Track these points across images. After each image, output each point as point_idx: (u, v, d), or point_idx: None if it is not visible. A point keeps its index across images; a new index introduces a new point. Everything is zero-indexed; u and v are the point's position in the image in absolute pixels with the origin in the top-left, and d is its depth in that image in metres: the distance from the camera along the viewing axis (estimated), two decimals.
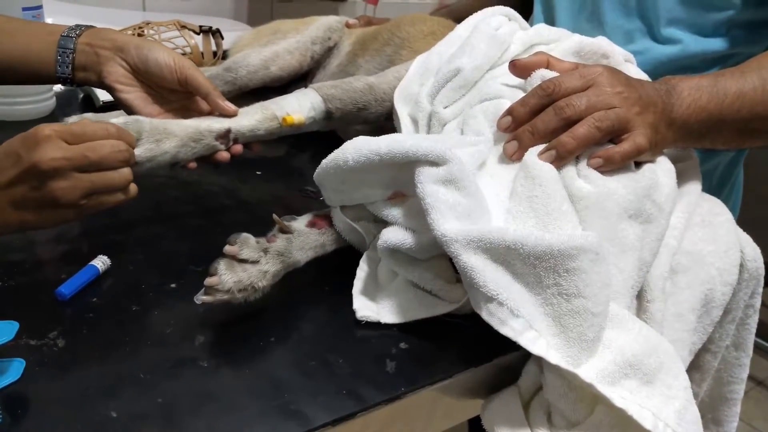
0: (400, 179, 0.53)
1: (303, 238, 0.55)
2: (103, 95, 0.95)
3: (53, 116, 0.92)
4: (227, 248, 0.49)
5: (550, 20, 0.90)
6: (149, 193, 0.70)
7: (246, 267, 0.50)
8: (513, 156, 0.57)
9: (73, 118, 0.60)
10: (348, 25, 1.03)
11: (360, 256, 0.57)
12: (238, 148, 0.65)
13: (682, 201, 0.60)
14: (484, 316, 0.47)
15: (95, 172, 0.51)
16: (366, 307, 0.53)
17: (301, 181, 0.78)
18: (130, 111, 0.65)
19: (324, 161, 0.54)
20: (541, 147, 0.55)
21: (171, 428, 0.40)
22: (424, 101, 0.67)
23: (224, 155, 0.64)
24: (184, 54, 1.13)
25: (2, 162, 0.49)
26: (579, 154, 0.55)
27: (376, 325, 0.52)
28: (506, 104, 0.60)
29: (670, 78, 0.61)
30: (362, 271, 0.56)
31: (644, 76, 0.68)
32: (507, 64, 0.63)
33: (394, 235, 0.51)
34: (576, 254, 0.46)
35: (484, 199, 0.51)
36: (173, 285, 0.54)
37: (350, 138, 0.54)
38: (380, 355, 0.49)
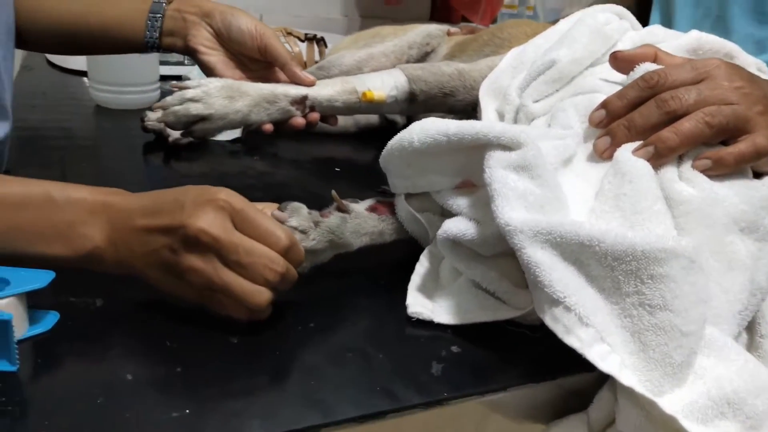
0: (469, 166, 0.48)
1: (360, 221, 0.51)
2: None
3: None
4: (275, 212, 0.47)
5: (668, 27, 0.81)
6: (215, 183, 0.70)
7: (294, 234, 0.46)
8: (604, 153, 0.50)
9: (192, 82, 0.61)
10: (449, 33, 1.00)
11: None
12: (315, 116, 0.64)
13: None
14: (548, 321, 0.40)
15: (234, 272, 0.42)
16: (420, 304, 0.48)
17: (381, 181, 0.75)
18: (211, 73, 0.67)
19: (390, 142, 0.50)
20: (638, 144, 0.48)
21: (181, 398, 0.37)
22: (513, 94, 0.61)
23: (299, 121, 0.63)
24: None
25: (164, 205, 0.43)
26: (683, 153, 0.47)
27: (429, 325, 0.47)
28: (601, 99, 0.54)
29: None
30: (422, 266, 0.51)
31: None
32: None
33: (456, 225, 0.46)
34: (665, 258, 0.38)
35: (563, 192, 0.45)
36: None
37: None
38: (427, 356, 0.43)
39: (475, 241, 0.45)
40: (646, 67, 0.53)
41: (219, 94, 0.60)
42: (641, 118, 0.49)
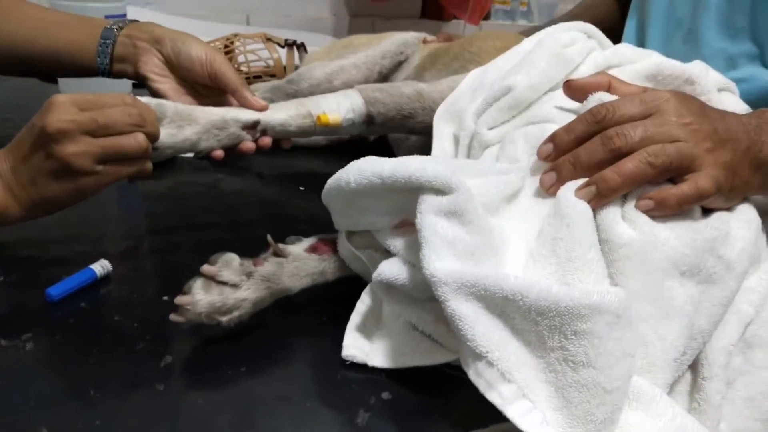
0: (407, 206, 0.47)
1: (298, 264, 0.50)
2: None
3: None
4: (205, 267, 0.46)
5: (641, 38, 0.79)
6: (179, 201, 0.69)
7: (224, 290, 0.46)
8: (550, 189, 0.49)
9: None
10: (425, 41, 0.98)
11: None
12: (266, 140, 0.63)
13: None
14: (471, 376, 0.39)
15: (106, 137, 0.50)
16: (356, 346, 0.47)
17: None
18: None
19: (329, 181, 0.49)
20: (583, 182, 0.47)
21: None
22: (469, 119, 0.60)
23: (248, 146, 0.62)
24: (267, 66, 1.14)
25: (23, 135, 0.50)
26: (626, 193, 0.46)
27: (365, 368, 0.46)
28: (552, 129, 0.52)
29: (766, 111, 0.50)
30: (363, 304, 0.50)
31: (744, 108, 0.57)
32: None
33: (390, 269, 0.45)
34: (588, 315, 0.37)
35: (495, 237, 0.44)
36: (165, 298, 0.51)
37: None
38: (356, 404, 0.43)
39: (408, 286, 0.44)
40: (598, 98, 0.52)
41: (168, 123, 0.59)
42: (586, 154, 0.48)
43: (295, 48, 1.15)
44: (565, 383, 0.38)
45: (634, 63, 0.61)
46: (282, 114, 0.63)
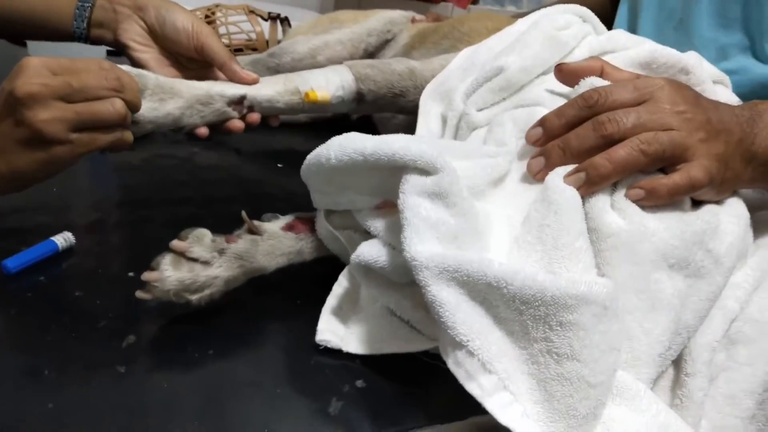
0: (389, 186, 0.45)
1: (273, 242, 0.48)
2: None
3: None
4: (175, 243, 0.44)
5: (632, 26, 0.78)
6: (153, 174, 0.66)
7: (194, 267, 0.43)
8: (537, 175, 0.47)
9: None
10: (414, 20, 0.96)
11: None
12: (254, 117, 0.60)
13: (755, 256, 0.47)
14: (450, 365, 0.38)
15: (81, 102, 0.46)
16: (330, 330, 0.45)
17: None
18: None
19: (308, 157, 0.46)
20: (572, 168, 0.45)
21: None
22: (458, 99, 0.58)
23: (237, 124, 0.59)
24: (249, 40, 1.10)
25: None
26: (616, 181, 0.44)
27: (339, 354, 0.44)
28: (542, 113, 0.50)
29: (758, 103, 0.49)
30: (340, 286, 0.48)
31: (737, 102, 0.56)
32: None
33: (369, 251, 0.43)
34: (574, 305, 0.36)
35: (480, 221, 0.42)
36: (131, 274, 0.49)
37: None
38: (328, 392, 0.41)
39: (387, 269, 0.42)
40: (590, 82, 0.50)
41: (149, 96, 0.55)
42: (577, 140, 0.46)
43: (278, 22, 1.11)
44: (548, 376, 0.36)
45: (628, 49, 0.59)
46: (269, 89, 0.60)
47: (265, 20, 1.10)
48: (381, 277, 0.44)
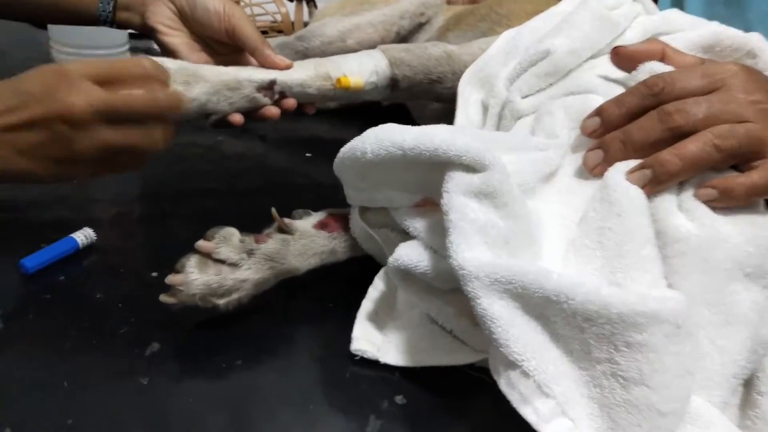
0: (431, 182, 0.41)
1: (306, 242, 0.44)
2: None
3: None
4: (201, 243, 0.41)
5: (678, 2, 0.72)
6: (174, 163, 0.64)
7: (221, 269, 0.40)
8: (594, 170, 0.43)
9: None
10: (449, 2, 0.91)
11: None
12: (290, 102, 0.56)
13: None
14: (502, 386, 0.34)
15: (122, 129, 0.43)
16: (367, 338, 0.42)
17: None
18: (172, 56, 0.59)
19: (342, 150, 0.43)
20: (634, 164, 0.41)
21: None
22: (500, 85, 0.53)
23: (273, 110, 0.55)
24: (274, 21, 1.07)
25: (9, 101, 0.41)
26: (685, 180, 0.40)
27: (377, 365, 0.41)
28: (597, 102, 0.46)
29: None
30: (375, 290, 0.45)
31: None
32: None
33: (408, 253, 0.39)
34: (644, 324, 0.32)
35: (533, 224, 0.38)
36: (154, 274, 0.46)
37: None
38: (366, 408, 0.37)
39: (429, 275, 0.39)
40: (650, 68, 0.45)
41: (176, 79, 0.52)
42: (640, 132, 0.41)
43: (304, 2, 1.07)
44: (613, 402, 0.32)
45: (685, 31, 0.54)
46: (300, 73, 0.56)
47: (291, 1, 1.06)
48: (421, 282, 0.40)
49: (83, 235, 0.47)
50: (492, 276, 0.34)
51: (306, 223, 0.45)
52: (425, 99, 0.64)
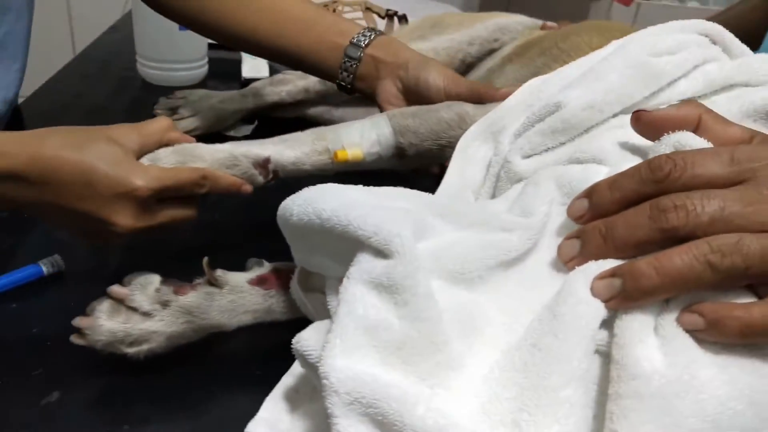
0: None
1: (234, 298, 0.41)
2: (246, 71, 0.91)
3: (204, 83, 0.92)
4: (114, 288, 0.39)
5: None
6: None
7: (131, 317, 0.38)
8: (569, 263, 0.35)
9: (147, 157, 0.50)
10: (544, 27, 0.82)
11: None
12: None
13: None
14: None
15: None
16: (270, 422, 0.37)
17: None
18: None
19: (281, 205, 0.39)
20: (611, 265, 0.32)
21: None
22: (506, 141, 0.46)
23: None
24: None
25: (74, 176, 0.41)
26: (670, 298, 0.31)
27: None
28: (600, 174, 0.38)
29: None
30: (298, 365, 0.40)
31: None
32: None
33: (308, 338, 0.34)
34: None
35: (446, 328, 0.31)
36: None
37: None
38: None
39: None
40: (677, 140, 0.36)
41: (168, 161, 0.50)
42: (625, 228, 0.32)
43: (396, 19, 1.04)
44: None
45: (763, 86, 0.43)
46: (295, 150, 0.53)
47: (382, 18, 1.03)
48: None
49: (50, 263, 0.48)
50: (354, 394, 0.28)
51: (240, 278, 0.42)
52: (438, 162, 0.58)
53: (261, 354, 0.43)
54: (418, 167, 0.60)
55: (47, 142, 0.40)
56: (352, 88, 0.64)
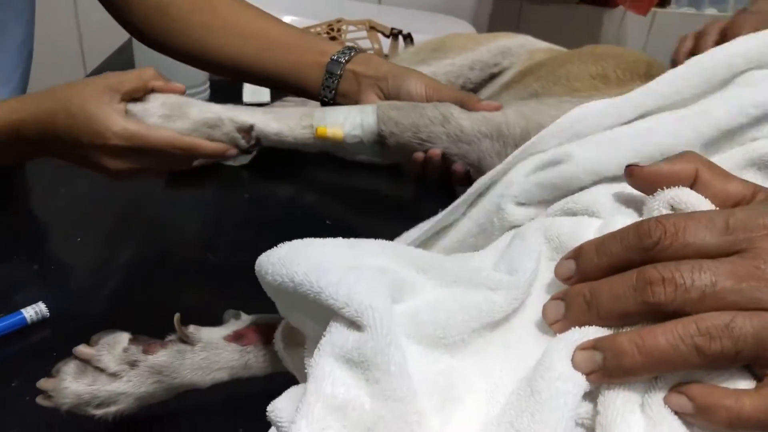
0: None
1: (208, 355, 0.40)
2: (247, 96, 0.90)
3: None
4: (80, 349, 0.38)
5: None
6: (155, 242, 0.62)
7: (98, 379, 0.37)
8: (554, 326, 0.33)
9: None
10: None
11: None
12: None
13: None
14: None
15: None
16: None
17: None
18: None
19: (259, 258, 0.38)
20: (595, 333, 0.31)
21: None
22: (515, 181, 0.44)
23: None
24: None
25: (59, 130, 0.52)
26: (655, 377, 0.29)
27: None
28: (593, 230, 0.36)
29: None
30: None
31: None
32: None
33: (282, 407, 0.32)
34: None
35: (418, 404, 0.30)
36: None
37: None
38: None
39: None
40: (671, 197, 0.34)
41: (156, 112, 0.54)
42: (610, 298, 0.31)
43: (400, 38, 1.02)
44: None
45: None
46: (279, 123, 0.56)
47: (387, 37, 1.02)
48: None
49: (34, 311, 0.47)
50: None
51: (215, 334, 0.41)
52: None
53: (239, 416, 0.41)
54: (398, 162, 0.61)
55: (42, 105, 0.51)
56: (335, 104, 0.65)
